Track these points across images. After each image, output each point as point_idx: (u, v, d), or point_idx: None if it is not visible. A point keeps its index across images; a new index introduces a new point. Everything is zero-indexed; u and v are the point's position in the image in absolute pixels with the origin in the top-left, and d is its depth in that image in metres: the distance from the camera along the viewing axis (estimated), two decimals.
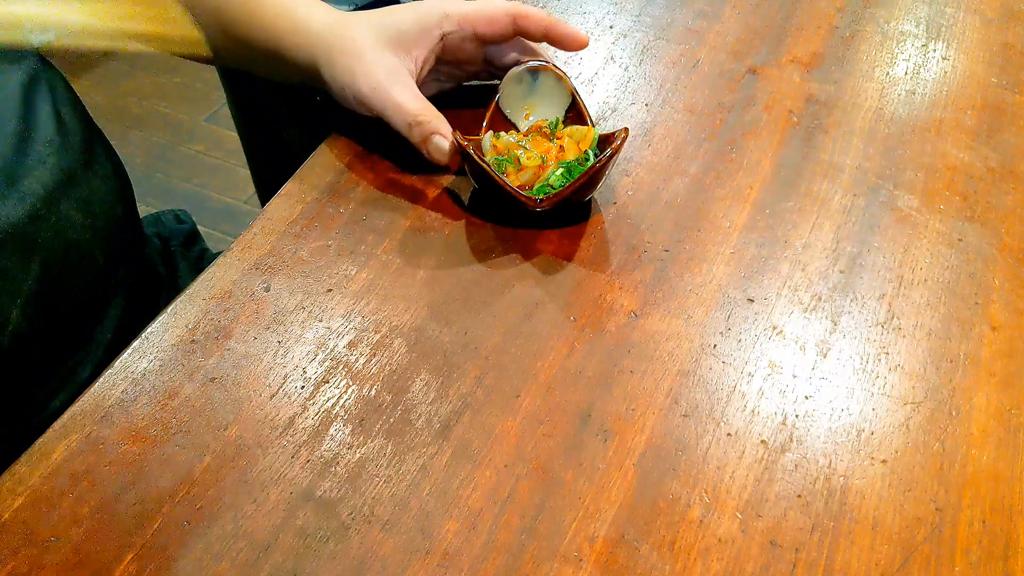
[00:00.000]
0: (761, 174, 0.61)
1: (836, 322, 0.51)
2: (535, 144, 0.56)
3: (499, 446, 0.45)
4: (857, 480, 0.44)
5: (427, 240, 0.56)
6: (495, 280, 0.53)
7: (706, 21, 0.75)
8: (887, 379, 0.49)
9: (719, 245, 0.56)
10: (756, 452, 0.45)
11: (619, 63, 0.70)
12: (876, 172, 0.61)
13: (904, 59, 0.71)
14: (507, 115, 0.60)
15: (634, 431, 0.46)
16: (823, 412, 0.47)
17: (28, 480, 0.43)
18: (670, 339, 0.50)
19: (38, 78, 0.55)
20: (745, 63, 0.70)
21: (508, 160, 0.55)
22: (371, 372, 0.48)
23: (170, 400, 0.47)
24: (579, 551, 0.41)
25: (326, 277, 0.53)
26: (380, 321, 0.51)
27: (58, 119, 0.55)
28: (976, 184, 0.60)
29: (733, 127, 0.64)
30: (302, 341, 0.50)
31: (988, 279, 0.54)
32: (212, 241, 0.82)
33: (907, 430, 0.46)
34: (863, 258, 0.55)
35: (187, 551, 0.41)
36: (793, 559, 0.41)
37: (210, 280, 0.53)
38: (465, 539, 0.41)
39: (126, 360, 0.48)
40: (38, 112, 0.54)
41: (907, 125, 0.65)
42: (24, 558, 0.40)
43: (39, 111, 0.54)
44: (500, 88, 0.60)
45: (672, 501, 0.43)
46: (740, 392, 0.48)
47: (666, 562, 0.41)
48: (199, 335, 0.50)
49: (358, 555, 0.41)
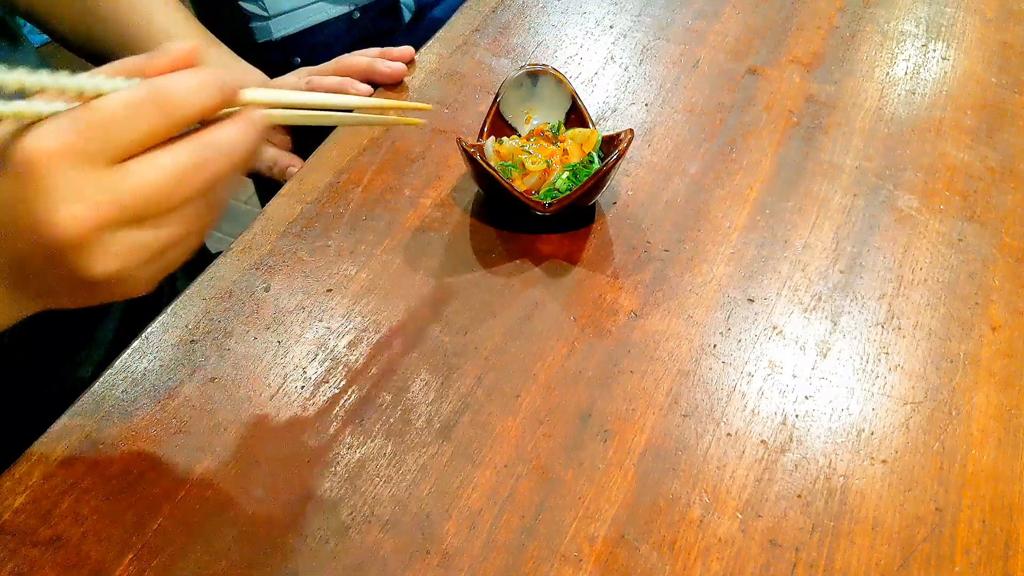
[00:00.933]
0: (761, 174, 0.61)
1: (836, 322, 0.51)
2: (539, 148, 0.56)
3: (499, 446, 0.45)
4: (857, 480, 0.44)
5: (427, 240, 0.56)
6: (495, 280, 0.53)
7: (706, 21, 0.75)
8: (887, 379, 0.49)
9: (719, 245, 0.56)
10: (756, 452, 0.45)
11: (619, 63, 0.70)
12: (876, 172, 0.61)
13: (904, 59, 0.71)
14: (507, 120, 0.60)
15: (634, 431, 0.46)
16: (823, 412, 0.47)
17: (28, 480, 0.43)
18: (670, 339, 0.50)
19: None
20: (745, 63, 0.70)
21: (513, 165, 0.55)
22: (371, 372, 0.48)
23: (170, 400, 0.47)
24: (579, 551, 0.41)
25: (326, 277, 0.53)
26: (380, 321, 0.51)
27: None
28: (976, 184, 0.60)
29: (733, 127, 0.64)
30: (302, 341, 0.50)
31: (988, 279, 0.54)
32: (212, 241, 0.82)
33: (907, 430, 0.46)
34: (863, 258, 0.55)
35: (187, 551, 0.41)
36: (793, 559, 0.41)
37: (210, 280, 0.53)
38: (465, 539, 0.41)
39: (126, 360, 0.48)
40: None
41: (907, 125, 0.65)
42: (24, 558, 0.40)
43: None
44: (500, 93, 0.60)
45: (672, 501, 0.43)
46: (740, 392, 0.48)
47: (666, 562, 0.41)
48: (199, 335, 0.50)
49: (358, 555, 0.41)
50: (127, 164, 0.32)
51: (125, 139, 0.31)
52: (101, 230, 0.31)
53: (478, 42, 0.72)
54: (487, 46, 0.71)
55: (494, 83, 0.66)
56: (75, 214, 0.30)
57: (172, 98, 0.32)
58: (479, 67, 0.69)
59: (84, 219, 0.31)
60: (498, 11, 0.75)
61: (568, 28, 0.74)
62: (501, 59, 0.70)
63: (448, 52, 0.71)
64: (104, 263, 0.32)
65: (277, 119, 0.39)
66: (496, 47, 0.71)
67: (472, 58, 0.70)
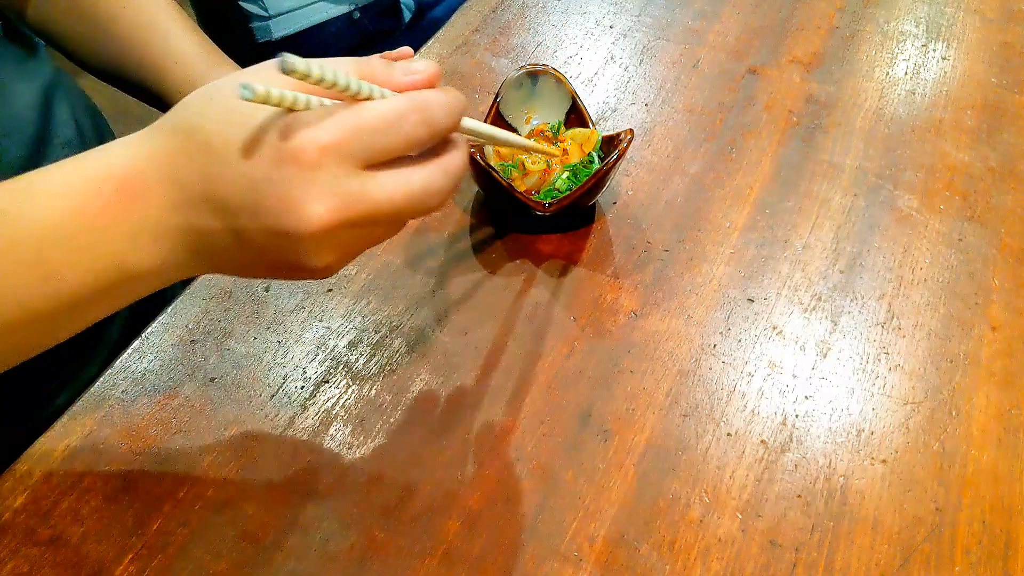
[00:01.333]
0: (761, 174, 0.61)
1: (836, 322, 0.51)
2: None
3: (499, 446, 0.45)
4: (857, 480, 0.44)
5: (427, 240, 0.56)
6: (495, 280, 0.53)
7: (706, 21, 0.75)
8: (887, 379, 0.49)
9: (719, 245, 0.56)
10: (756, 452, 0.45)
11: (619, 63, 0.70)
12: (876, 172, 0.61)
13: (904, 59, 0.71)
14: (507, 120, 0.60)
15: (634, 431, 0.46)
16: (823, 412, 0.47)
17: (28, 480, 0.43)
18: (670, 339, 0.50)
19: (56, 85, 0.56)
20: (745, 63, 0.70)
21: (513, 165, 0.55)
22: (371, 372, 0.48)
23: (170, 400, 0.47)
24: (579, 551, 0.41)
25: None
26: (380, 321, 0.51)
27: (76, 123, 0.57)
28: (976, 184, 0.60)
29: (733, 127, 0.64)
30: (302, 341, 0.50)
31: (988, 279, 0.54)
32: None
33: (907, 430, 0.46)
34: (863, 258, 0.55)
35: (187, 551, 0.41)
36: (793, 559, 0.41)
37: (210, 280, 0.53)
38: (465, 539, 0.41)
39: (126, 360, 0.48)
40: (57, 116, 0.55)
41: (907, 125, 0.65)
42: (24, 558, 0.40)
43: (58, 115, 0.55)
44: (500, 93, 0.60)
45: (672, 501, 0.43)
46: (740, 392, 0.48)
47: (666, 562, 0.41)
48: (199, 335, 0.50)
49: (358, 555, 0.41)
50: (378, 173, 0.33)
51: (386, 146, 0.32)
52: (340, 228, 0.32)
53: (478, 42, 0.72)
54: (487, 46, 0.71)
55: (494, 83, 0.66)
56: (327, 208, 0.31)
57: (434, 115, 0.33)
58: (479, 67, 0.69)
59: (332, 215, 0.32)
60: (498, 11, 0.75)
61: (568, 28, 0.74)
62: (501, 59, 0.70)
63: (448, 52, 0.71)
64: (326, 256, 0.34)
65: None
66: (496, 47, 0.71)
67: (472, 58, 0.70)
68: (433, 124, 0.33)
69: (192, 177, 0.33)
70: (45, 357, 0.47)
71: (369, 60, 0.35)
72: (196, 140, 0.32)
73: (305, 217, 0.31)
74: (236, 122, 0.32)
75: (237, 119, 0.32)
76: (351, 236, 0.34)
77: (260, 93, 0.29)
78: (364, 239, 0.35)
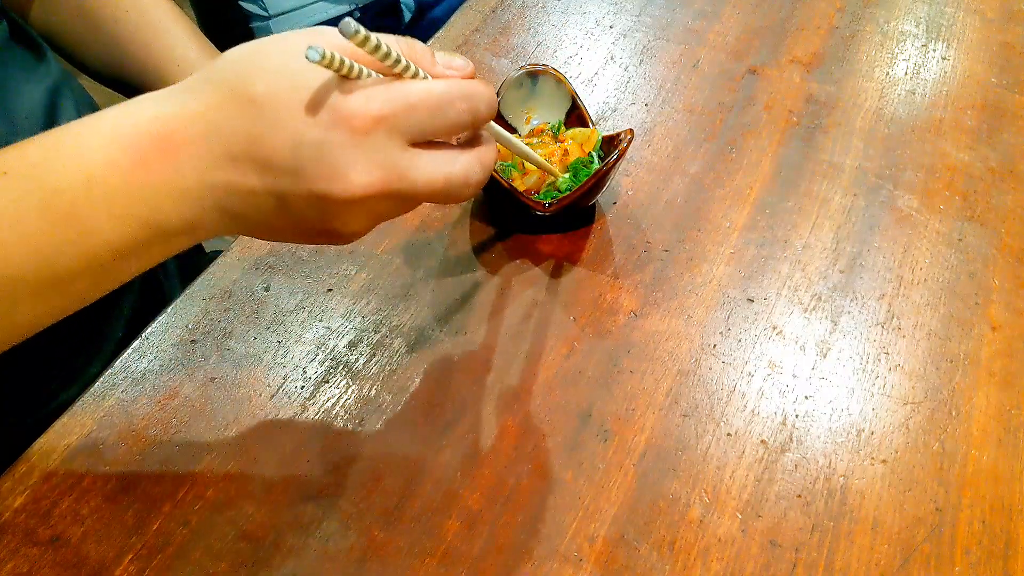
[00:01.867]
0: (761, 174, 0.61)
1: (836, 322, 0.51)
2: (539, 148, 0.56)
3: (499, 446, 0.45)
4: (857, 480, 0.44)
5: (427, 240, 0.56)
6: (495, 280, 0.53)
7: (706, 21, 0.75)
8: (887, 379, 0.49)
9: (719, 245, 0.56)
10: (756, 452, 0.45)
11: (619, 63, 0.70)
12: (876, 172, 0.61)
13: (904, 59, 0.71)
14: (507, 119, 0.60)
15: (634, 431, 0.46)
16: (823, 412, 0.47)
17: (28, 480, 0.43)
18: (670, 339, 0.50)
19: (62, 86, 0.56)
20: (745, 63, 0.70)
21: (513, 165, 0.55)
22: (371, 372, 0.48)
23: (170, 400, 0.47)
24: (579, 551, 0.41)
25: (326, 277, 0.53)
26: (380, 321, 0.51)
27: None
28: (976, 184, 0.60)
29: (733, 127, 0.64)
30: (302, 341, 0.50)
31: (988, 279, 0.54)
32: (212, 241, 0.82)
33: (907, 430, 0.46)
34: (863, 258, 0.55)
35: (187, 551, 0.41)
36: (793, 559, 0.41)
37: (210, 280, 0.53)
38: (465, 539, 0.41)
39: (126, 360, 0.48)
40: (63, 117, 0.55)
41: (907, 125, 0.65)
42: (24, 558, 0.40)
43: (64, 116, 0.55)
44: (500, 93, 0.60)
45: (672, 501, 0.43)
46: (740, 392, 0.48)
47: (666, 562, 0.41)
48: (199, 335, 0.50)
49: (358, 555, 0.41)
50: (423, 152, 0.33)
51: (432, 127, 0.33)
52: (377, 198, 0.33)
53: (478, 42, 0.72)
54: (487, 46, 0.71)
55: (494, 83, 0.66)
56: (370, 177, 0.32)
57: (478, 106, 0.34)
58: (479, 67, 0.69)
59: (372, 184, 0.32)
60: (498, 11, 0.75)
61: (568, 28, 0.74)
62: (501, 59, 0.70)
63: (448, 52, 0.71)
64: (357, 223, 0.34)
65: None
66: (496, 47, 0.71)
67: (472, 58, 0.70)
68: (476, 114, 0.34)
69: (237, 134, 0.32)
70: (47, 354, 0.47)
71: (412, 43, 0.35)
72: (243, 97, 0.32)
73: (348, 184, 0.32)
74: (290, 83, 0.32)
75: (290, 80, 0.32)
76: (384, 207, 0.34)
77: (327, 57, 0.30)
78: (393, 211, 0.35)
